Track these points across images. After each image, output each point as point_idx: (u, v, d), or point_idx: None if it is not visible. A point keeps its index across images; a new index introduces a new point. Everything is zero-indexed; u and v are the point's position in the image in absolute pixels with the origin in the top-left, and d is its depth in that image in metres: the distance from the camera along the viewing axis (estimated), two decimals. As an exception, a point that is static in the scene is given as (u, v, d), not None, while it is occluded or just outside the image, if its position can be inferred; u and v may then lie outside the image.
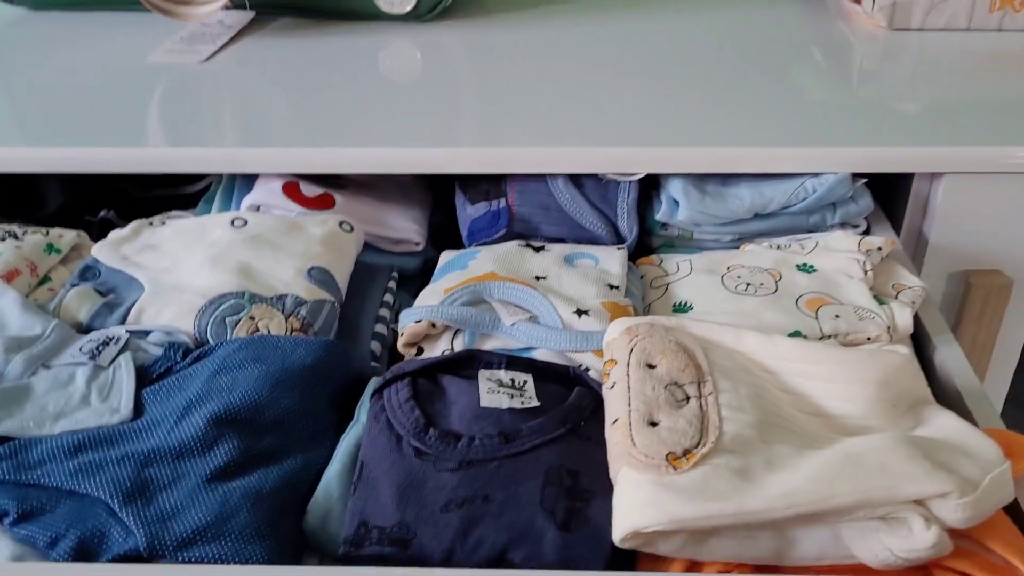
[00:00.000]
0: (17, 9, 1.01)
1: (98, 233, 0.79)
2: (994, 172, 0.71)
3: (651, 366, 0.53)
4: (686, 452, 0.47)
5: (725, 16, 0.99)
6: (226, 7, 0.93)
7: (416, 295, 0.74)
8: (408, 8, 0.95)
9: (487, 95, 0.81)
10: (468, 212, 0.75)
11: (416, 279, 0.77)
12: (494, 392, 0.54)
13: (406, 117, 0.77)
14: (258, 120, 0.77)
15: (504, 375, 0.56)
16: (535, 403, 0.54)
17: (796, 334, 0.61)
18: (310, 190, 0.75)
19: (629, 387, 0.52)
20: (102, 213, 0.82)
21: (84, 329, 0.61)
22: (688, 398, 0.51)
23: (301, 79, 0.84)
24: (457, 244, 0.76)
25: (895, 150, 0.71)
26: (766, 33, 0.94)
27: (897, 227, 0.76)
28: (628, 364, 0.53)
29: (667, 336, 0.55)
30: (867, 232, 0.75)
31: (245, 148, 0.74)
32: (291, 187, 0.74)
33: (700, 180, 0.73)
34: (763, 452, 0.48)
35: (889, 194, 0.78)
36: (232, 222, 0.68)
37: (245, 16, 0.96)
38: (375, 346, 0.65)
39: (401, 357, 0.65)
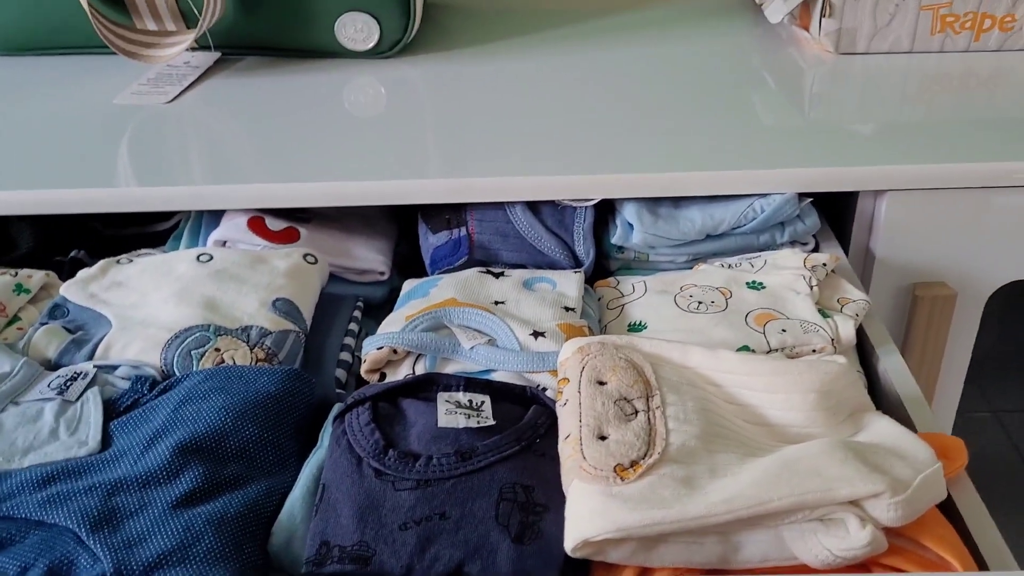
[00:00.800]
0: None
1: (69, 273, 0.80)
2: (934, 188, 0.74)
3: (601, 383, 0.55)
4: (633, 463, 0.49)
5: (680, 46, 1.02)
6: (192, 48, 0.95)
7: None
8: (370, 45, 0.97)
9: (447, 127, 0.84)
10: (430, 241, 0.77)
11: (383, 308, 0.79)
12: (452, 413, 0.56)
13: (369, 151, 0.79)
14: (224, 157, 0.80)
15: (462, 396, 0.58)
16: (491, 422, 0.56)
17: (745, 348, 0.63)
18: (275, 224, 0.77)
19: (580, 403, 0.54)
20: (72, 253, 0.84)
21: (53, 366, 0.63)
22: (636, 412, 0.53)
23: (266, 116, 0.86)
24: (423, 273, 0.78)
25: (838, 170, 0.74)
26: (720, 61, 0.97)
27: (845, 244, 0.79)
28: (580, 382, 0.55)
29: (617, 354, 0.57)
30: (816, 249, 0.77)
31: (211, 185, 0.76)
32: (256, 222, 0.76)
33: (653, 204, 0.75)
34: (707, 461, 0.50)
35: (837, 212, 0.80)
36: (198, 257, 0.70)
37: (211, 57, 0.98)
38: (340, 373, 0.67)
39: (366, 384, 0.67)
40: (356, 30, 0.96)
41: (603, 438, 0.51)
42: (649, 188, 0.74)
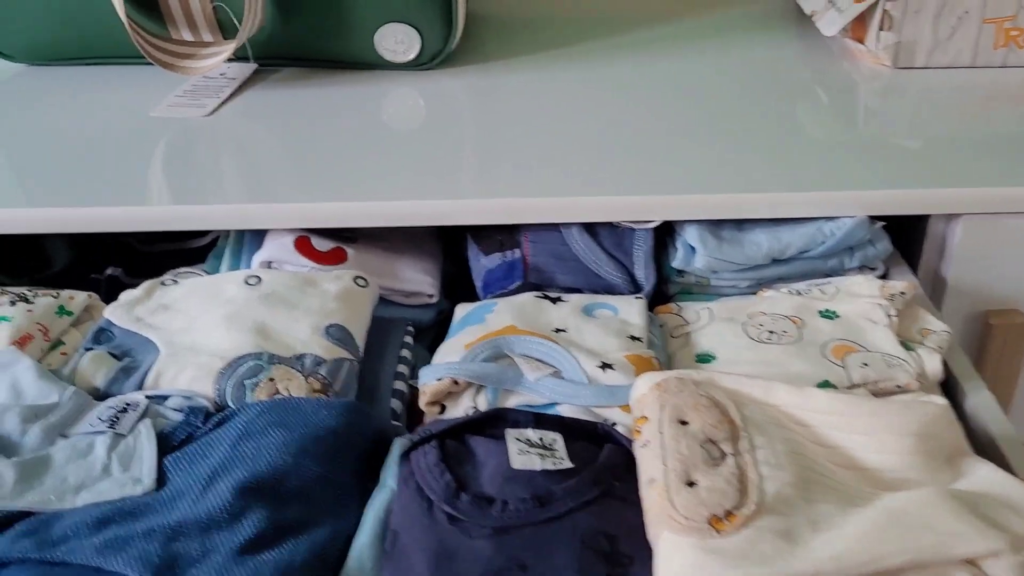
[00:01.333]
0: (11, 63, 1.00)
1: (106, 291, 0.78)
2: (1012, 212, 0.71)
3: (684, 422, 0.52)
4: (728, 514, 0.46)
5: (728, 58, 0.99)
6: (228, 59, 0.92)
7: (431, 347, 0.73)
8: (411, 57, 0.94)
9: (496, 143, 0.81)
10: (482, 263, 0.74)
11: (430, 331, 0.76)
12: (524, 453, 0.53)
13: (415, 167, 0.76)
14: (265, 174, 0.77)
15: (533, 434, 0.55)
16: (568, 464, 0.53)
17: (825, 383, 0.60)
18: (322, 244, 0.74)
19: (663, 445, 0.51)
20: (108, 271, 0.81)
21: (101, 395, 0.60)
22: (724, 455, 0.50)
23: (306, 130, 0.84)
24: (469, 294, 0.76)
25: (912, 192, 0.71)
26: (771, 74, 0.94)
27: (913, 268, 0.76)
28: (660, 421, 0.52)
29: (697, 390, 0.54)
30: (885, 275, 0.74)
31: (253, 204, 0.72)
32: (303, 242, 0.73)
33: (716, 226, 0.72)
34: (806, 511, 0.47)
35: (904, 235, 0.77)
36: (246, 280, 0.67)
37: (248, 68, 0.95)
38: (395, 404, 0.64)
39: (420, 414, 0.64)
40: (396, 41, 0.93)
41: (692, 484, 0.48)
42: (714, 210, 0.71)
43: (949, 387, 0.63)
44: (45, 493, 0.51)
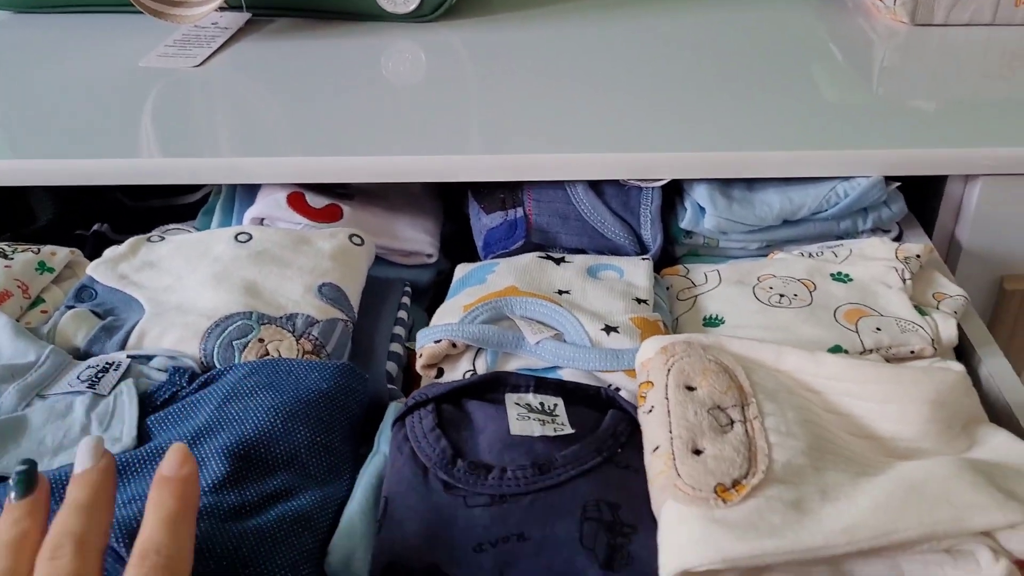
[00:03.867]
0: (-1, 12, 0.97)
1: (91, 248, 0.76)
2: (1031, 173, 0.68)
3: (691, 388, 0.50)
4: (735, 483, 0.44)
5: (739, 14, 0.95)
6: (220, 8, 0.89)
7: (429, 309, 0.71)
8: (412, 7, 0.91)
9: (498, 98, 0.78)
10: (483, 222, 0.72)
11: (428, 292, 0.74)
12: (524, 418, 0.51)
13: (414, 122, 0.74)
14: (258, 127, 0.74)
15: (533, 399, 0.53)
16: (569, 430, 0.50)
17: (837, 348, 0.58)
18: (316, 201, 0.71)
19: (669, 411, 0.49)
20: (95, 227, 0.79)
21: (81, 354, 0.57)
22: (732, 422, 0.48)
23: (301, 83, 0.81)
24: (470, 254, 0.73)
25: (929, 152, 0.68)
26: (783, 31, 0.91)
27: (928, 231, 0.73)
28: (666, 386, 0.50)
29: (705, 355, 0.52)
30: (899, 237, 0.72)
31: (245, 157, 0.70)
32: (296, 198, 0.71)
33: (726, 186, 0.70)
34: (816, 481, 0.45)
35: (919, 196, 0.75)
36: (236, 237, 0.65)
37: (241, 17, 0.92)
38: (391, 367, 0.61)
39: (416, 378, 0.62)
40: (396, -9, 0.90)
41: (698, 452, 0.46)
42: (724, 168, 0.68)
43: (964, 353, 0.61)
44: (22, 456, 0.49)
